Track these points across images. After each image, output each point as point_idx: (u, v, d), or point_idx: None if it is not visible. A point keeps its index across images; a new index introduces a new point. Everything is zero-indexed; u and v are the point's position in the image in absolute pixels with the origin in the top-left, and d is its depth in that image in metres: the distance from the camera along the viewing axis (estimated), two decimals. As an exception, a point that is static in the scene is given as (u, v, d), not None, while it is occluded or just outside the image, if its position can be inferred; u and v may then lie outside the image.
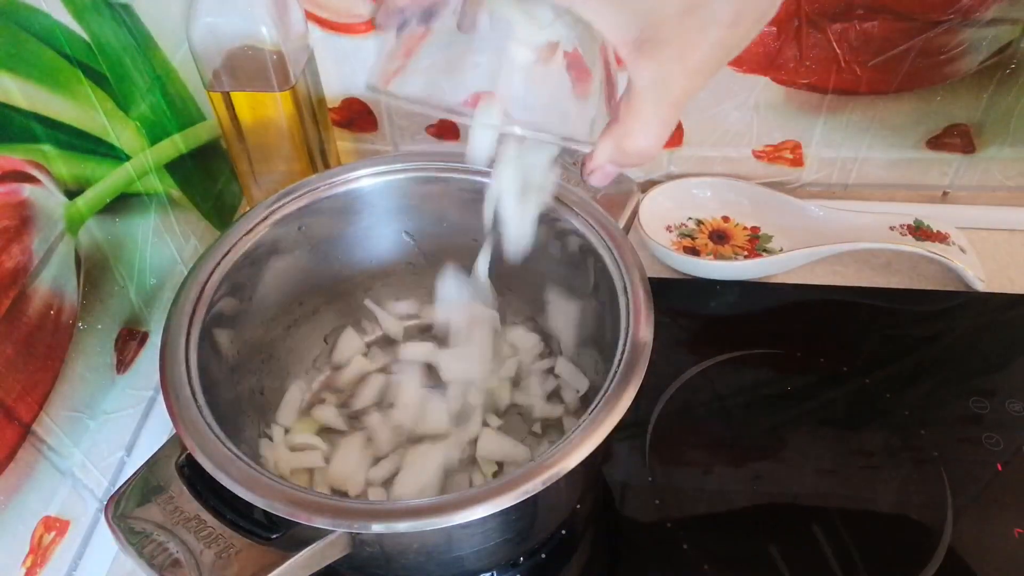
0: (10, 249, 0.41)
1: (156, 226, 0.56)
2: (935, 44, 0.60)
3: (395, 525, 0.34)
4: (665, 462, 0.53)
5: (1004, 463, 0.52)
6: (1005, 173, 0.68)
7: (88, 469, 0.48)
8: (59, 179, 0.46)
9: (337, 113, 0.70)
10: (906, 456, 0.52)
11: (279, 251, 0.50)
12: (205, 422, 0.39)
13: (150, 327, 0.55)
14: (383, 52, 0.33)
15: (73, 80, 0.47)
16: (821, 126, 0.66)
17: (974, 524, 0.49)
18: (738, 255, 0.66)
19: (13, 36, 0.42)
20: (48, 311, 0.44)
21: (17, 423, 0.42)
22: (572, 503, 0.49)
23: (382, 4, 0.32)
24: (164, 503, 0.37)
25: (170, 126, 0.58)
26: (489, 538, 0.42)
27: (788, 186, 0.71)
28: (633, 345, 0.40)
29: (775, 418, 0.55)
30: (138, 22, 0.54)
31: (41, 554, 0.44)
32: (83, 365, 0.47)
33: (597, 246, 0.47)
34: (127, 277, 0.52)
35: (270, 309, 0.52)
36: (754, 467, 0.52)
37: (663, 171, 0.71)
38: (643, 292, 0.43)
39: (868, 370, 0.58)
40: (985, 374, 0.57)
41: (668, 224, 0.68)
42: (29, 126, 0.43)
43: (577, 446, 0.36)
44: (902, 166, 0.68)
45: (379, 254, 0.56)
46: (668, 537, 0.49)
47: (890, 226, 0.64)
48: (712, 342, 0.60)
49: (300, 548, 0.35)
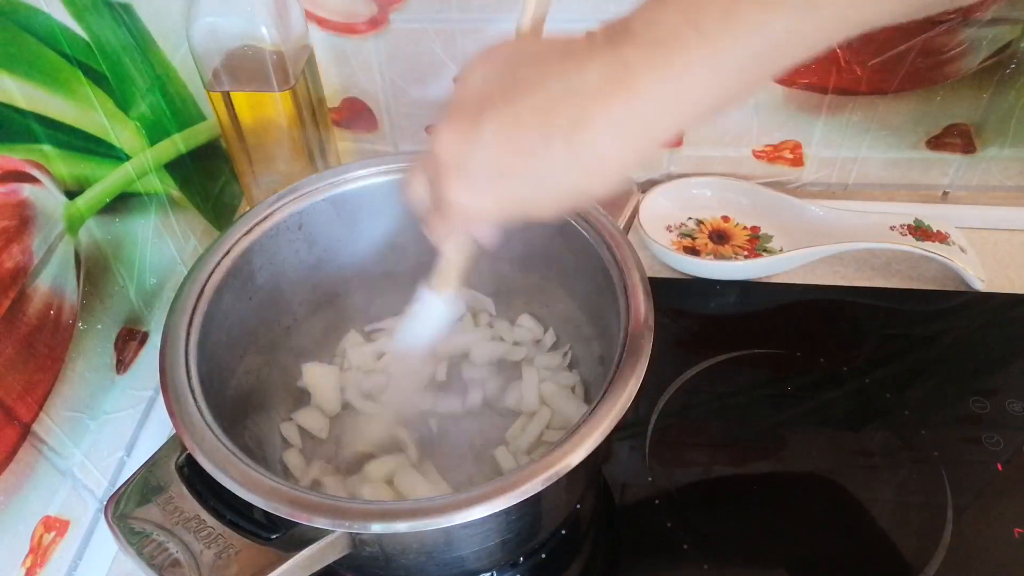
0: (10, 249, 0.41)
1: (156, 226, 0.56)
2: (935, 44, 0.60)
3: (395, 525, 0.34)
4: (665, 462, 0.53)
5: (1004, 463, 0.52)
6: (1005, 173, 0.68)
7: (88, 469, 0.48)
8: (59, 179, 0.46)
9: (337, 113, 0.70)
10: (906, 456, 0.52)
11: (279, 251, 0.50)
12: (205, 422, 0.39)
13: (150, 327, 0.55)
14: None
15: (73, 80, 0.47)
16: (821, 126, 0.66)
17: (974, 524, 0.49)
18: (738, 255, 0.66)
19: (13, 36, 0.42)
20: (48, 311, 0.44)
21: (17, 423, 0.42)
22: (572, 503, 0.49)
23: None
24: (164, 503, 0.37)
25: (170, 126, 0.58)
26: (489, 538, 0.42)
27: (788, 186, 0.71)
28: (633, 345, 0.40)
29: (775, 418, 0.55)
30: (138, 22, 0.54)
31: (41, 554, 0.44)
32: (83, 365, 0.47)
33: (597, 246, 0.47)
34: (127, 277, 0.52)
35: (270, 309, 0.52)
36: (754, 467, 0.52)
37: (663, 171, 0.71)
38: (643, 292, 0.43)
39: (868, 370, 0.58)
40: (985, 374, 0.57)
41: (668, 224, 0.68)
42: (29, 126, 0.43)
43: (577, 446, 0.36)
44: (902, 166, 0.68)
45: (379, 254, 0.56)
46: (668, 537, 0.49)
47: (890, 226, 0.64)
48: (712, 342, 0.60)
49: (300, 548, 0.35)
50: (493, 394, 0.54)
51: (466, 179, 0.33)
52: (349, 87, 0.68)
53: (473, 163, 0.32)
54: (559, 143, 0.30)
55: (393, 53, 0.65)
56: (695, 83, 0.29)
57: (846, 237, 0.63)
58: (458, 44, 0.64)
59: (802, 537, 0.49)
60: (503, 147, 0.31)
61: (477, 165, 0.32)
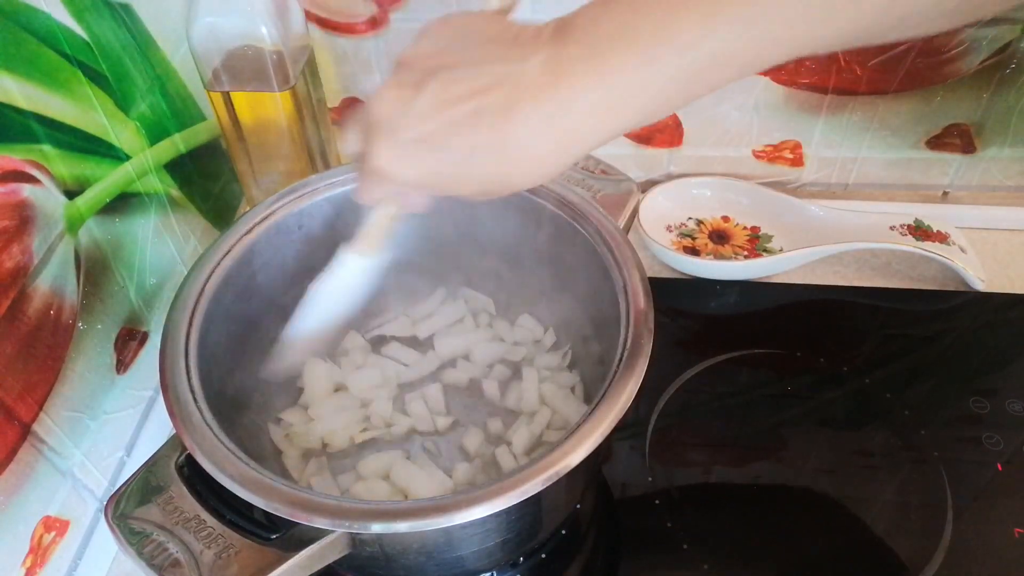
0: (10, 249, 0.41)
1: (156, 226, 0.56)
2: (935, 44, 0.60)
3: (395, 525, 0.34)
4: (665, 462, 0.53)
5: (1004, 463, 0.52)
6: (1005, 173, 0.68)
7: (88, 469, 0.48)
8: (59, 179, 0.46)
9: (337, 113, 0.70)
10: (906, 456, 0.52)
11: (279, 251, 0.50)
12: (205, 422, 0.39)
13: (150, 327, 0.55)
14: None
15: (73, 80, 0.47)
16: (821, 126, 0.66)
17: (974, 524, 0.49)
18: (738, 255, 0.66)
19: (13, 36, 0.42)
20: (48, 311, 0.44)
21: (17, 423, 0.42)
22: (572, 503, 0.49)
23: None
24: (164, 503, 0.37)
25: (170, 126, 0.58)
26: (489, 538, 0.42)
27: (788, 186, 0.71)
28: (633, 345, 0.40)
29: (775, 418, 0.55)
30: (138, 22, 0.54)
31: (41, 554, 0.44)
32: (83, 365, 0.47)
33: (597, 246, 0.47)
34: (127, 277, 0.52)
35: (270, 309, 0.51)
36: (754, 467, 0.52)
37: (663, 171, 0.71)
38: (643, 292, 0.43)
39: (868, 370, 0.58)
40: (985, 374, 0.57)
41: (668, 224, 0.68)
42: (29, 126, 0.43)
43: (577, 446, 0.36)
44: (902, 166, 0.68)
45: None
46: (668, 537, 0.49)
47: (890, 226, 0.64)
48: (712, 342, 0.60)
49: (300, 548, 0.35)
50: (493, 394, 0.54)
51: (394, 143, 0.33)
52: (349, 87, 0.68)
53: (403, 128, 0.32)
54: (486, 125, 0.30)
55: (393, 53, 0.65)
56: (625, 89, 0.29)
57: (846, 237, 0.63)
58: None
59: (802, 537, 0.49)
60: (435, 118, 0.31)
61: (406, 131, 0.32)
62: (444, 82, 0.31)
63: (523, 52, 0.30)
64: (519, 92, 0.30)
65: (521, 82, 0.30)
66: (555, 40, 0.30)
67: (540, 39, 0.31)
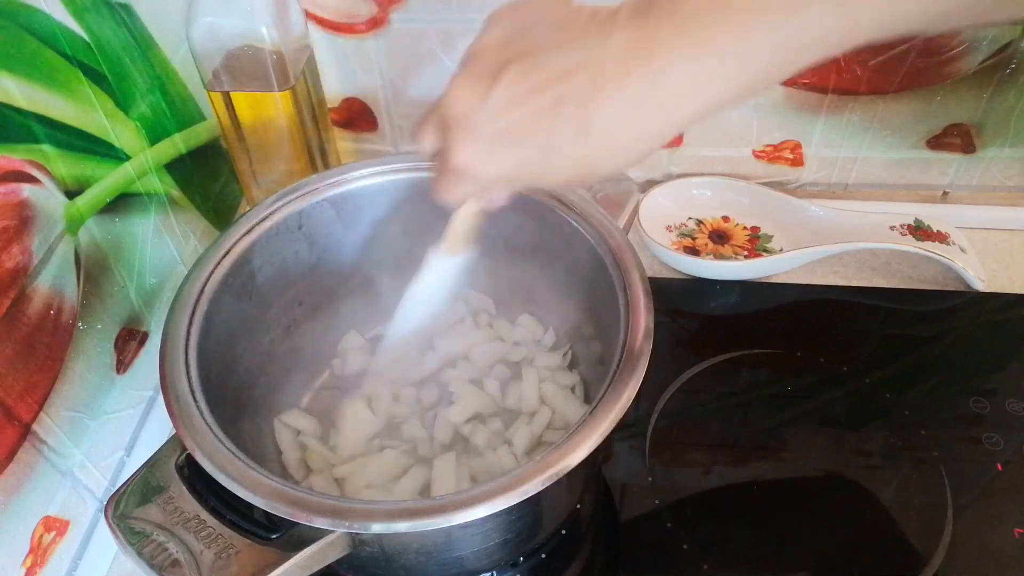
0: (10, 249, 0.41)
1: (156, 226, 0.56)
2: (935, 44, 0.60)
3: (395, 525, 0.34)
4: (665, 462, 0.53)
5: (1004, 463, 0.52)
6: (1005, 173, 0.68)
7: (88, 469, 0.48)
8: (59, 179, 0.46)
9: (337, 113, 0.70)
10: (906, 456, 0.52)
11: (279, 251, 0.50)
12: (205, 422, 0.39)
13: (150, 327, 0.55)
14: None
15: (73, 80, 0.47)
16: (821, 126, 0.66)
17: (974, 524, 0.49)
18: (738, 255, 0.66)
19: (13, 36, 0.42)
20: (48, 311, 0.44)
21: (17, 423, 0.42)
22: (572, 503, 0.49)
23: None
24: (164, 503, 0.37)
25: (170, 126, 0.58)
26: (489, 538, 0.42)
27: (788, 186, 0.71)
28: (633, 345, 0.40)
29: (775, 418, 0.55)
30: (138, 22, 0.54)
31: (41, 554, 0.44)
32: (83, 365, 0.47)
33: (597, 246, 0.47)
34: (127, 277, 0.52)
35: (270, 309, 0.52)
36: (754, 467, 0.52)
37: (663, 171, 0.71)
38: (643, 292, 0.43)
39: (868, 370, 0.58)
40: (985, 374, 0.57)
41: (668, 224, 0.68)
42: (29, 126, 0.43)
43: (577, 446, 0.36)
44: (902, 166, 0.68)
45: (379, 254, 0.56)
46: (668, 537, 0.49)
47: (890, 226, 0.64)
48: (712, 342, 0.60)
49: (300, 548, 0.35)
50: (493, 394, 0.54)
51: (475, 139, 0.32)
52: (349, 87, 0.68)
53: (482, 124, 0.31)
54: (570, 113, 0.29)
55: (393, 53, 0.65)
56: (718, 66, 0.28)
57: (846, 237, 0.63)
58: (458, 44, 0.64)
59: (802, 537, 0.49)
60: (515, 111, 0.30)
61: (486, 126, 0.31)
62: (520, 72, 0.30)
63: (601, 34, 0.29)
64: (603, 76, 0.29)
65: (604, 65, 0.29)
66: (636, 19, 0.29)
67: (617, 20, 0.29)
